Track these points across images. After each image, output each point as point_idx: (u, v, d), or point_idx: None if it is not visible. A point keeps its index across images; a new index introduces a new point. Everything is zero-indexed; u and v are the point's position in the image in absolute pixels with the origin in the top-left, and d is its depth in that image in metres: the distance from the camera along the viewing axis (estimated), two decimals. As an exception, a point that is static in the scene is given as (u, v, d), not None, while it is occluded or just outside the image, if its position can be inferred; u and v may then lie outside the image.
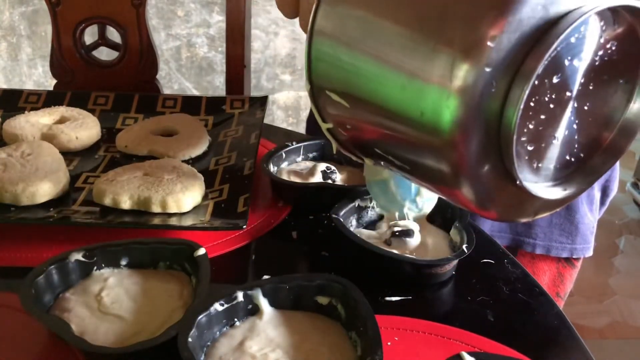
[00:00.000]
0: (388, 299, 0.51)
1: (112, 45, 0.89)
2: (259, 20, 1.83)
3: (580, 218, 0.82)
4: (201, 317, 0.41)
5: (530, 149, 0.35)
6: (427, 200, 0.54)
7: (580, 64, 0.34)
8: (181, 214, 0.58)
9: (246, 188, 0.61)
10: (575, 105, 0.35)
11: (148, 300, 0.46)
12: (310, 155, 0.70)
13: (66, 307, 0.45)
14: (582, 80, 0.35)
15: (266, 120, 0.77)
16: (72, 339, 0.40)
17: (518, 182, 0.34)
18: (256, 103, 0.79)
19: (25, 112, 0.74)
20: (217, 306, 0.42)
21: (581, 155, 0.38)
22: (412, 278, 0.53)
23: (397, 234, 0.55)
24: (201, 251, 0.47)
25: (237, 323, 0.43)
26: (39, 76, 1.89)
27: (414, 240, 0.55)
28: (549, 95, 0.34)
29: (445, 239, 0.56)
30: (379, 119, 0.37)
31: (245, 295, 0.43)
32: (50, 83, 1.18)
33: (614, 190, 0.86)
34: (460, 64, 0.31)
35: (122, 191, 0.58)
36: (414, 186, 0.52)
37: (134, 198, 0.57)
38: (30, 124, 0.71)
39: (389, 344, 0.46)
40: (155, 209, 0.57)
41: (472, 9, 0.31)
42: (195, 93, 1.91)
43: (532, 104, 0.33)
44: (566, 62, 0.33)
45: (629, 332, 1.72)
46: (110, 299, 0.45)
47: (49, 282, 0.45)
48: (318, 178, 0.64)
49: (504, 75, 0.31)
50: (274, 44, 1.89)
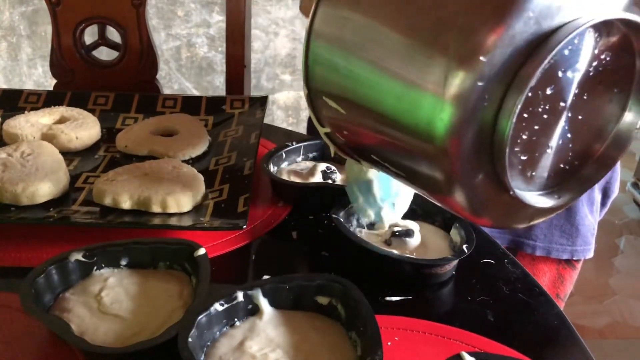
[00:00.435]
0: (388, 299, 0.51)
1: (112, 45, 0.89)
2: (259, 20, 1.83)
3: (581, 220, 0.82)
4: (201, 317, 0.41)
5: (523, 158, 0.35)
6: (403, 203, 0.54)
7: (575, 74, 0.34)
8: (181, 214, 0.58)
9: (246, 188, 0.61)
10: (570, 115, 0.35)
11: (148, 300, 0.46)
12: (310, 155, 0.70)
13: (66, 307, 0.45)
14: (577, 91, 0.35)
15: (266, 120, 0.77)
16: (72, 339, 0.40)
17: (511, 193, 0.34)
18: (256, 103, 0.79)
19: (25, 112, 0.74)
20: (217, 306, 0.42)
21: (575, 164, 0.38)
22: (412, 278, 0.53)
23: (397, 234, 0.55)
24: (201, 251, 0.47)
25: (237, 323, 0.43)
26: (39, 76, 1.89)
27: (414, 240, 0.55)
28: (542, 106, 0.34)
29: (445, 239, 0.56)
30: (374, 125, 0.37)
31: (245, 295, 0.43)
32: (50, 83, 1.17)
33: (614, 192, 0.86)
34: (455, 73, 0.31)
35: (122, 191, 0.57)
36: (394, 188, 0.52)
37: (134, 198, 0.57)
38: (30, 124, 0.71)
39: (389, 344, 0.46)
40: (155, 209, 0.57)
41: (468, 22, 0.31)
42: (195, 93, 1.91)
43: (526, 115, 0.33)
44: (560, 74, 0.33)
45: (629, 332, 1.72)
46: (110, 299, 0.45)
47: (49, 282, 0.45)
48: (318, 178, 0.64)
49: (498, 85, 0.31)
50: (274, 44, 1.89)
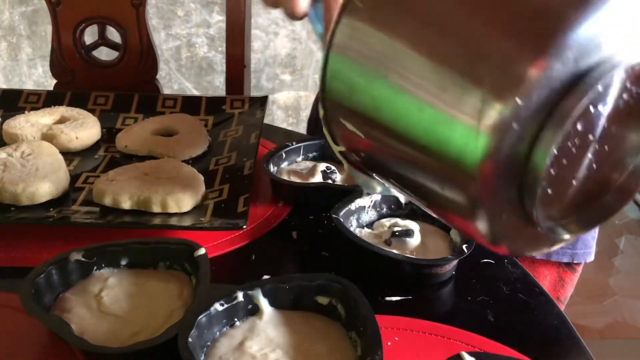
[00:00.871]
0: (388, 299, 0.51)
1: (112, 45, 0.89)
2: (259, 20, 1.83)
3: None
4: (201, 317, 0.41)
5: (550, 192, 0.35)
6: None
7: (604, 108, 0.34)
8: (181, 214, 0.58)
9: (246, 188, 0.61)
10: (597, 147, 0.35)
11: (148, 301, 0.46)
12: (310, 155, 0.70)
13: (66, 307, 0.45)
14: (605, 125, 0.35)
15: (266, 120, 0.77)
16: (72, 338, 0.40)
17: (539, 229, 0.34)
18: (256, 103, 0.79)
19: (25, 112, 0.74)
20: (217, 306, 0.42)
21: (595, 193, 0.38)
22: (412, 278, 0.53)
23: (397, 234, 0.55)
24: (201, 251, 0.47)
25: (237, 323, 0.43)
26: (39, 76, 1.89)
27: (414, 240, 0.55)
28: (573, 141, 0.33)
29: (445, 239, 0.56)
30: (396, 149, 0.36)
31: (245, 295, 0.43)
32: (50, 83, 1.17)
33: None
34: (492, 105, 0.31)
35: (122, 191, 0.57)
36: None
37: (134, 198, 0.57)
38: (30, 124, 0.71)
39: (389, 344, 0.46)
40: (155, 209, 0.57)
41: (507, 55, 0.31)
42: (195, 93, 1.91)
43: (556, 151, 0.33)
44: (592, 108, 0.33)
45: (629, 332, 1.72)
46: (110, 299, 0.45)
47: (49, 282, 0.45)
48: (318, 178, 0.64)
49: (532, 121, 0.31)
50: (274, 44, 1.89)
